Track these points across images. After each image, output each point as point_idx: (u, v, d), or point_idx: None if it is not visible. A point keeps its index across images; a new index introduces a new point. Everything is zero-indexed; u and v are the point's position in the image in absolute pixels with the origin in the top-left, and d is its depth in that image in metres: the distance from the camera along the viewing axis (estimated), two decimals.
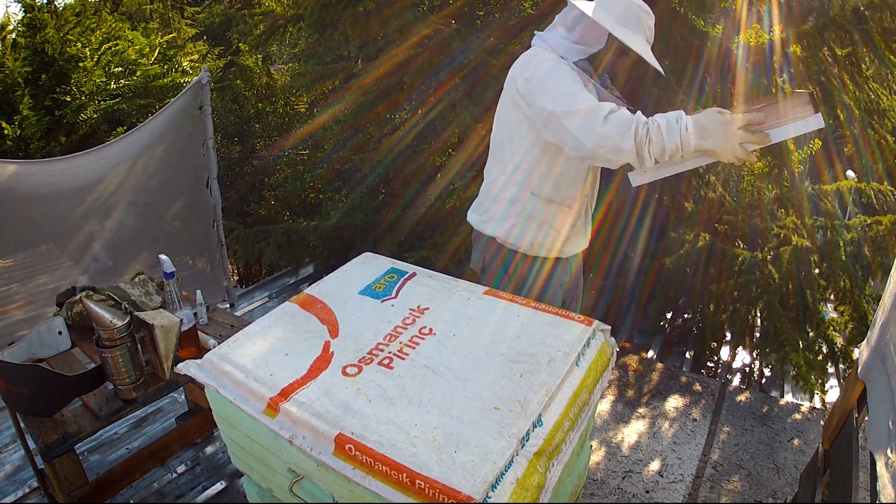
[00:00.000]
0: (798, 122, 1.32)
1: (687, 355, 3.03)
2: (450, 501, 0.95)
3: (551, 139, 1.55)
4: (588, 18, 1.53)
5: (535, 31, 1.67)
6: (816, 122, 1.32)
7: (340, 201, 3.93)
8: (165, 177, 3.51)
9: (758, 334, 2.85)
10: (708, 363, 3.06)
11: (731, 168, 2.88)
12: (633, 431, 2.36)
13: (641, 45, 1.54)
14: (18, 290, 3.36)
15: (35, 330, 1.84)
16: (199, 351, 1.80)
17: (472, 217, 1.87)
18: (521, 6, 3.34)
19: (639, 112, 1.40)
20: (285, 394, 1.18)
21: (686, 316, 3.25)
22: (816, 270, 2.61)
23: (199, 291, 2.08)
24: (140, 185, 3.46)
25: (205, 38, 6.86)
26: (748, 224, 2.81)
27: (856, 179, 2.78)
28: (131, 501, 2.10)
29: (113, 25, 7.62)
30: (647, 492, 2.05)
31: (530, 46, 1.68)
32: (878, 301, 1.48)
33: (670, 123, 1.34)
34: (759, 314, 2.81)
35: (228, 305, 3.68)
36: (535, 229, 1.71)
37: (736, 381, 2.96)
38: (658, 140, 1.34)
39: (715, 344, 3.04)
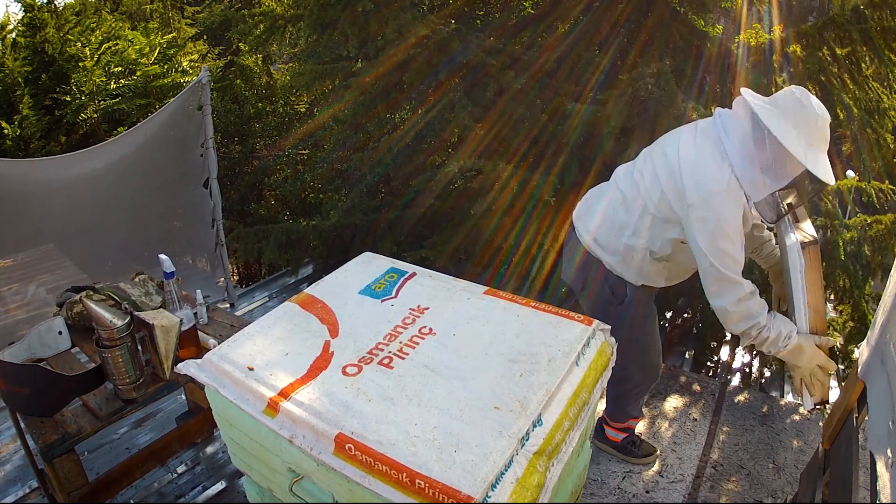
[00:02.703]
0: None
1: (687, 355, 3.03)
2: (450, 501, 0.95)
3: (694, 257, 1.59)
4: (785, 153, 1.40)
5: (719, 115, 1.55)
6: None
7: (340, 201, 3.93)
8: (165, 176, 3.51)
9: None
10: (708, 363, 3.06)
11: None
12: None
13: (828, 170, 1.42)
14: (18, 290, 3.35)
15: (35, 330, 1.84)
16: (199, 351, 1.80)
17: (590, 240, 1.82)
18: (521, 6, 3.34)
19: (764, 310, 1.55)
20: (285, 393, 1.18)
21: (686, 316, 3.25)
22: None
23: (199, 291, 2.09)
24: (140, 184, 3.45)
25: (205, 38, 6.85)
26: None
27: (856, 179, 2.77)
28: (131, 501, 2.10)
29: (113, 25, 7.60)
30: (647, 492, 2.05)
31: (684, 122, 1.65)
32: (878, 301, 1.48)
33: (777, 341, 1.54)
34: None
35: (228, 305, 3.68)
36: (637, 270, 1.76)
37: (736, 380, 2.96)
38: (760, 343, 1.56)
39: (715, 344, 3.04)
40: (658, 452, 2.20)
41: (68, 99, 5.84)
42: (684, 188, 1.51)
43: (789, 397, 2.80)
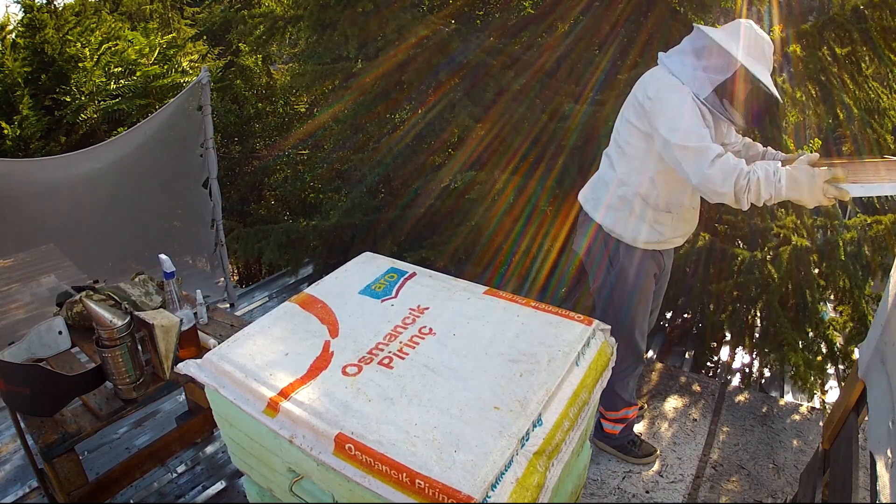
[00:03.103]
0: (886, 184, 1.44)
1: (687, 355, 3.03)
2: (450, 501, 0.95)
3: (665, 158, 1.68)
4: (718, 47, 1.59)
5: (661, 53, 1.76)
6: None
7: (340, 201, 3.93)
8: (165, 176, 3.51)
9: (757, 334, 2.85)
10: (708, 363, 3.06)
11: None
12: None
13: (766, 76, 1.60)
14: (19, 290, 3.35)
15: (35, 330, 1.84)
16: (199, 351, 1.80)
17: (585, 201, 2.00)
18: (521, 6, 3.34)
19: (742, 161, 1.54)
20: (285, 393, 1.18)
21: (686, 316, 3.25)
22: (816, 270, 2.61)
23: (199, 291, 2.09)
24: (140, 184, 3.46)
25: (205, 38, 6.86)
26: (748, 224, 2.81)
27: None
28: (131, 501, 2.10)
29: (113, 25, 7.60)
30: (647, 492, 2.05)
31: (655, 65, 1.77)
32: (878, 301, 1.48)
33: (768, 177, 1.49)
34: (758, 314, 2.80)
35: (228, 305, 3.68)
36: (636, 224, 1.84)
37: (736, 381, 2.96)
38: (756, 190, 1.51)
39: (715, 344, 3.03)
40: (658, 452, 2.20)
41: (68, 99, 5.84)
42: (640, 103, 1.70)
43: (789, 397, 2.80)
